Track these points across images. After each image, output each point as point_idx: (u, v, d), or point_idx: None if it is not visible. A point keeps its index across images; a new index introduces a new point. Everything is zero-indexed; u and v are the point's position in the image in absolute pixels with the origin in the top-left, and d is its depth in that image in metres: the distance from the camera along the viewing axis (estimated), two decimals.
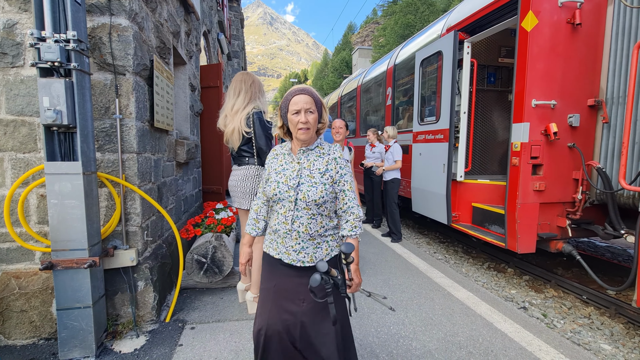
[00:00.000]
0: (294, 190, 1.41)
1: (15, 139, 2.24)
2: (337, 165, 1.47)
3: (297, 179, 1.43)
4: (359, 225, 1.49)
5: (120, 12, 2.28)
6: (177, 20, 3.60)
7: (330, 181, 1.44)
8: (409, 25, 31.52)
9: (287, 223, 1.42)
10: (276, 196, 1.44)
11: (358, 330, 2.51)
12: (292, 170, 1.46)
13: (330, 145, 1.53)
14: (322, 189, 1.41)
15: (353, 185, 1.51)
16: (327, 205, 1.45)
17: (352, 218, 1.48)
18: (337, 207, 1.50)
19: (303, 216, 1.42)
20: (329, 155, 1.49)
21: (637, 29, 2.91)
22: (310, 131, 1.42)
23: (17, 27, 2.19)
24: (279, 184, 1.45)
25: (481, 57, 4.77)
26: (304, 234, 1.43)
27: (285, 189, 1.43)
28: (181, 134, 4.12)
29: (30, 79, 2.22)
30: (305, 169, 1.45)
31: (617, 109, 3.12)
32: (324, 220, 1.46)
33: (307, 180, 1.42)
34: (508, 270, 4.38)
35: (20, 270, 2.31)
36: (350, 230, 1.48)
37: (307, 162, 1.47)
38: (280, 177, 1.47)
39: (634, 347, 2.72)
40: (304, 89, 1.42)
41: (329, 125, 3.87)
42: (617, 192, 3.05)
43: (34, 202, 2.31)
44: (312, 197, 1.39)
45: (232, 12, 11.19)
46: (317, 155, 1.48)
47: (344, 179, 1.47)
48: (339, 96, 10.29)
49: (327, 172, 1.45)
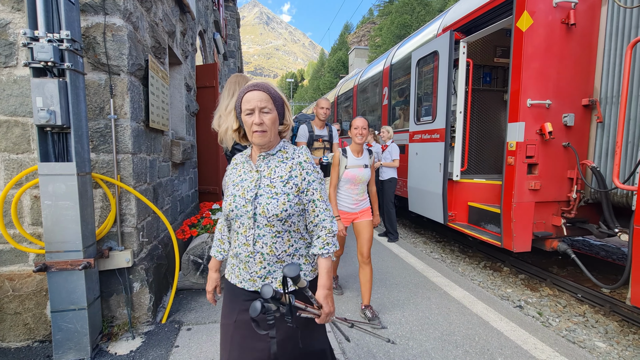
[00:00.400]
0: (252, 204, 1.19)
1: (9, 140, 2.22)
2: (303, 171, 1.23)
3: (255, 190, 1.21)
4: (332, 242, 1.25)
5: (114, 11, 2.26)
6: (173, 20, 3.58)
7: (295, 190, 1.21)
8: (405, 25, 31.60)
9: (249, 244, 1.20)
10: (233, 212, 1.22)
11: (355, 330, 2.51)
12: (251, 180, 1.24)
13: (296, 148, 1.30)
14: (285, 201, 1.18)
15: (325, 194, 1.29)
16: (293, 219, 1.22)
17: (323, 233, 1.24)
18: (307, 221, 1.28)
19: (266, 234, 1.19)
20: (292, 160, 1.25)
21: (631, 29, 2.93)
22: (268, 134, 1.19)
23: (10, 27, 2.16)
24: (235, 198, 1.23)
25: (477, 57, 4.79)
26: (269, 256, 1.20)
27: (242, 204, 1.20)
28: (177, 134, 4.10)
29: (23, 79, 2.19)
30: (265, 178, 1.23)
31: (611, 109, 3.15)
32: (293, 238, 1.25)
33: (267, 191, 1.20)
34: (504, 269, 4.40)
35: (13, 272, 2.28)
36: (321, 247, 1.23)
37: (268, 169, 1.24)
38: (238, 189, 1.25)
39: (628, 344, 2.75)
40: (259, 85, 1.19)
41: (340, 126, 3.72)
42: (611, 191, 3.08)
43: (28, 203, 2.28)
44: (272, 210, 1.17)
45: (228, 12, 11.15)
46: (280, 161, 1.26)
47: (312, 186, 1.24)
48: (336, 96, 10.30)
49: (291, 179, 1.22)
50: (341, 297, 3.10)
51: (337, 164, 2.68)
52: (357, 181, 2.67)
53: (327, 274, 1.24)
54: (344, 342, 2.33)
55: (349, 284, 3.41)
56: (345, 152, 2.70)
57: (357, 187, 2.70)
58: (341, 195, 2.74)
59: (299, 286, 1.05)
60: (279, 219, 1.19)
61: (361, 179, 2.67)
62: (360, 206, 2.76)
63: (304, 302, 1.12)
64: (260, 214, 1.18)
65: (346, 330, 2.39)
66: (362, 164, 2.68)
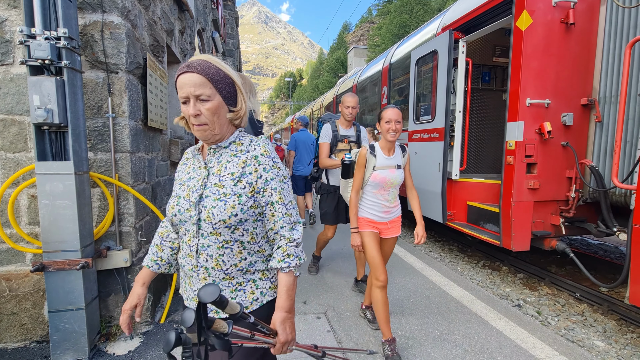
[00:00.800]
0: (196, 207, 0.99)
1: (5, 139, 2.20)
2: (260, 167, 1.01)
3: (200, 191, 1.00)
4: (294, 254, 1.03)
5: (112, 9, 2.24)
6: (171, 18, 3.56)
7: (248, 190, 1.00)
8: (403, 24, 31.64)
9: (192, 256, 1.01)
10: (176, 217, 1.03)
11: (355, 331, 2.50)
12: (198, 179, 1.04)
13: (253, 139, 1.07)
14: (235, 203, 0.97)
15: (287, 195, 1.05)
16: (246, 226, 1.01)
17: (283, 243, 1.03)
18: (267, 228, 1.06)
19: (211, 245, 0.98)
20: (247, 153, 1.03)
21: (630, 29, 2.94)
22: (209, 127, 0.97)
23: (6, 24, 2.14)
24: (179, 200, 1.03)
25: (476, 56, 4.79)
26: (215, 272, 1.00)
27: (186, 207, 1.00)
28: (175, 133, 4.08)
29: (20, 77, 2.17)
30: (213, 176, 1.02)
31: (609, 108, 3.15)
32: (247, 250, 1.02)
33: (214, 191, 0.99)
34: (503, 268, 4.41)
35: (10, 272, 2.26)
36: (280, 260, 1.01)
37: (218, 165, 1.03)
38: (183, 189, 1.05)
39: (626, 343, 2.76)
40: (192, 65, 0.94)
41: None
42: (610, 190, 3.08)
43: (25, 202, 2.26)
44: (218, 216, 0.96)
45: (227, 11, 11.12)
46: (233, 155, 1.04)
47: (270, 185, 1.02)
48: (335, 95, 10.29)
49: (244, 177, 1.00)
50: (341, 296, 3.09)
51: (363, 165, 2.21)
52: (388, 185, 2.20)
53: (288, 293, 1.01)
54: (345, 342, 2.33)
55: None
56: (373, 149, 2.21)
57: (387, 193, 2.22)
58: (366, 203, 2.25)
59: (228, 312, 0.80)
60: (227, 226, 0.97)
61: (392, 182, 2.20)
62: (392, 214, 2.28)
63: (249, 329, 0.88)
64: (205, 219, 0.97)
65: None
66: (393, 165, 2.21)
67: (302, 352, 1.18)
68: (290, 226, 1.05)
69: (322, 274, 3.60)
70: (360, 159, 2.21)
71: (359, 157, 2.22)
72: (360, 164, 2.21)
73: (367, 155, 2.19)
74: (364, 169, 2.20)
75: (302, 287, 3.26)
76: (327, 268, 3.77)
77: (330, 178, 3.25)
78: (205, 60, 0.96)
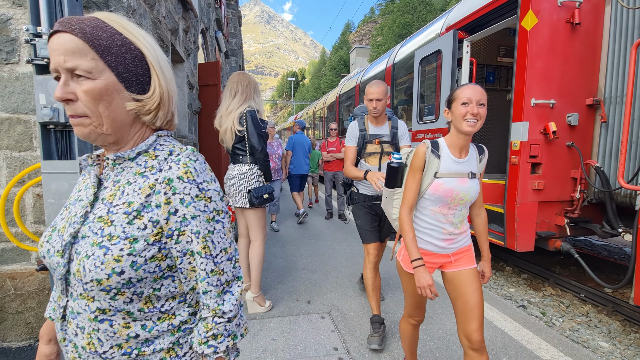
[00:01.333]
0: (65, 252, 0.64)
1: (11, 138, 2.20)
2: (175, 197, 0.63)
3: (77, 226, 0.65)
4: (224, 333, 0.68)
5: (117, 8, 2.25)
6: (176, 18, 3.56)
7: (150, 233, 0.62)
8: (406, 24, 31.58)
9: (59, 322, 0.70)
10: (45, 259, 0.68)
11: (359, 331, 2.50)
12: (84, 204, 0.68)
13: (174, 151, 0.69)
14: (122, 253, 0.60)
15: (219, 240, 0.68)
16: (140, 289, 0.63)
17: (209, 316, 0.67)
18: (186, 288, 0.70)
19: (82, 313, 0.64)
20: (159, 174, 0.65)
21: (635, 29, 2.92)
22: (92, 122, 0.62)
23: (12, 23, 2.15)
24: (52, 235, 0.68)
25: (480, 56, 4.78)
26: (87, 354, 0.65)
27: (57, 248, 0.65)
28: (179, 133, 4.09)
29: (25, 76, 2.18)
30: (102, 204, 0.66)
31: (615, 109, 3.13)
32: (139, 321, 0.65)
33: (96, 229, 0.63)
34: (507, 268, 4.40)
35: (15, 271, 2.27)
36: (202, 343, 0.67)
37: (114, 187, 0.67)
38: (64, 216, 0.70)
39: (630, 344, 2.75)
40: (65, 22, 0.60)
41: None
42: (615, 190, 3.07)
43: (30, 201, 2.27)
44: (91, 273, 0.59)
45: (230, 10, 11.13)
46: (138, 173, 0.66)
47: (189, 227, 0.64)
48: (337, 95, 10.28)
49: (146, 211, 0.63)
50: (345, 296, 3.08)
51: (421, 169, 1.49)
52: (455, 202, 1.48)
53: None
54: (349, 342, 2.33)
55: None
56: (437, 146, 1.50)
57: (452, 213, 1.51)
58: (422, 224, 1.56)
59: None
60: (103, 289, 0.60)
61: (463, 197, 1.47)
62: (458, 243, 1.58)
63: None
64: (74, 273, 0.62)
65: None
66: (466, 171, 1.49)
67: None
68: (218, 290, 0.67)
69: (325, 274, 3.59)
70: (415, 159, 1.50)
71: (414, 157, 1.51)
72: (415, 168, 1.49)
73: (426, 155, 1.48)
74: (420, 175, 1.49)
75: (305, 286, 3.26)
76: (330, 267, 3.77)
77: (360, 186, 2.64)
78: (93, 17, 0.62)
